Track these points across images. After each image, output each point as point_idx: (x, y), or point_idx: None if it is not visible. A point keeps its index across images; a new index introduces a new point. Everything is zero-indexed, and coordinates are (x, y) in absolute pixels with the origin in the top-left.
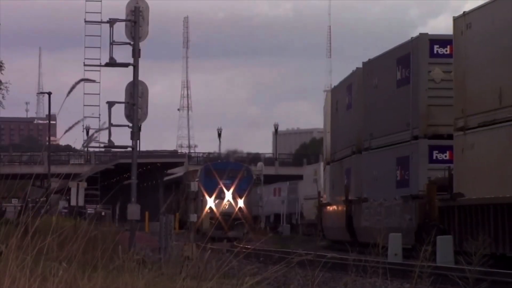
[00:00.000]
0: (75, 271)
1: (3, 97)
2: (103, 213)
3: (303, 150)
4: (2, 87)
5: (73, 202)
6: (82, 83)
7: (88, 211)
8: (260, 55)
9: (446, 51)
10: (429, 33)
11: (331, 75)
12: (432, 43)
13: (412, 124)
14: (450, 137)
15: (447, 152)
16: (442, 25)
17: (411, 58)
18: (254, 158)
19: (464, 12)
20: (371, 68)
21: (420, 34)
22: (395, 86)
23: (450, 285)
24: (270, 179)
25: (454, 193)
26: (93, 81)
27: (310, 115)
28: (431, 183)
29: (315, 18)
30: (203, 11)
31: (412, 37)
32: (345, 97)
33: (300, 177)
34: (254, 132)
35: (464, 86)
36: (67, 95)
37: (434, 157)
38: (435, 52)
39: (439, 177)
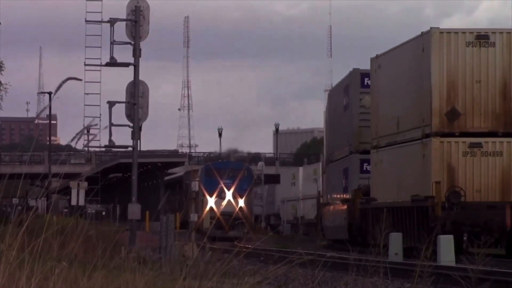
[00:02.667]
0: (76, 270)
1: (1, 98)
2: (103, 213)
3: (304, 150)
4: (1, 88)
5: (73, 202)
6: (82, 82)
7: (89, 211)
8: (270, 55)
9: None
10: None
11: (331, 75)
12: (363, 76)
13: (349, 142)
14: None
15: None
16: (456, 25)
17: (349, 88)
18: (255, 157)
19: (377, 54)
20: (332, 94)
21: (354, 69)
22: (343, 110)
23: (451, 284)
24: (270, 179)
25: (369, 198)
26: (80, 79)
27: (319, 115)
28: (356, 190)
29: (331, 17)
30: (219, 10)
31: (350, 71)
32: (327, 117)
33: None
34: (259, 132)
35: (377, 114)
36: (54, 94)
37: (364, 169)
38: (365, 83)
39: (366, 185)
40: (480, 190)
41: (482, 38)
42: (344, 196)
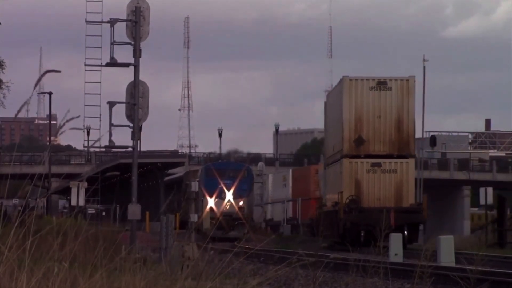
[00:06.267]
0: (76, 270)
1: (4, 97)
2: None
3: (304, 150)
4: (3, 86)
5: (73, 202)
6: (85, 82)
7: (89, 211)
8: (279, 55)
9: None
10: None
11: (331, 75)
12: None
13: (324, 158)
14: None
15: None
16: (473, 27)
17: (324, 114)
18: (255, 158)
19: (329, 92)
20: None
21: (325, 102)
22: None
23: (451, 285)
24: None
25: (321, 204)
26: (58, 71)
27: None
28: (317, 197)
29: (344, 19)
30: (233, 12)
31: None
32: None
33: None
34: (260, 132)
35: (327, 139)
36: (34, 88)
37: None
38: None
39: None
40: (380, 199)
41: (381, 84)
42: None
